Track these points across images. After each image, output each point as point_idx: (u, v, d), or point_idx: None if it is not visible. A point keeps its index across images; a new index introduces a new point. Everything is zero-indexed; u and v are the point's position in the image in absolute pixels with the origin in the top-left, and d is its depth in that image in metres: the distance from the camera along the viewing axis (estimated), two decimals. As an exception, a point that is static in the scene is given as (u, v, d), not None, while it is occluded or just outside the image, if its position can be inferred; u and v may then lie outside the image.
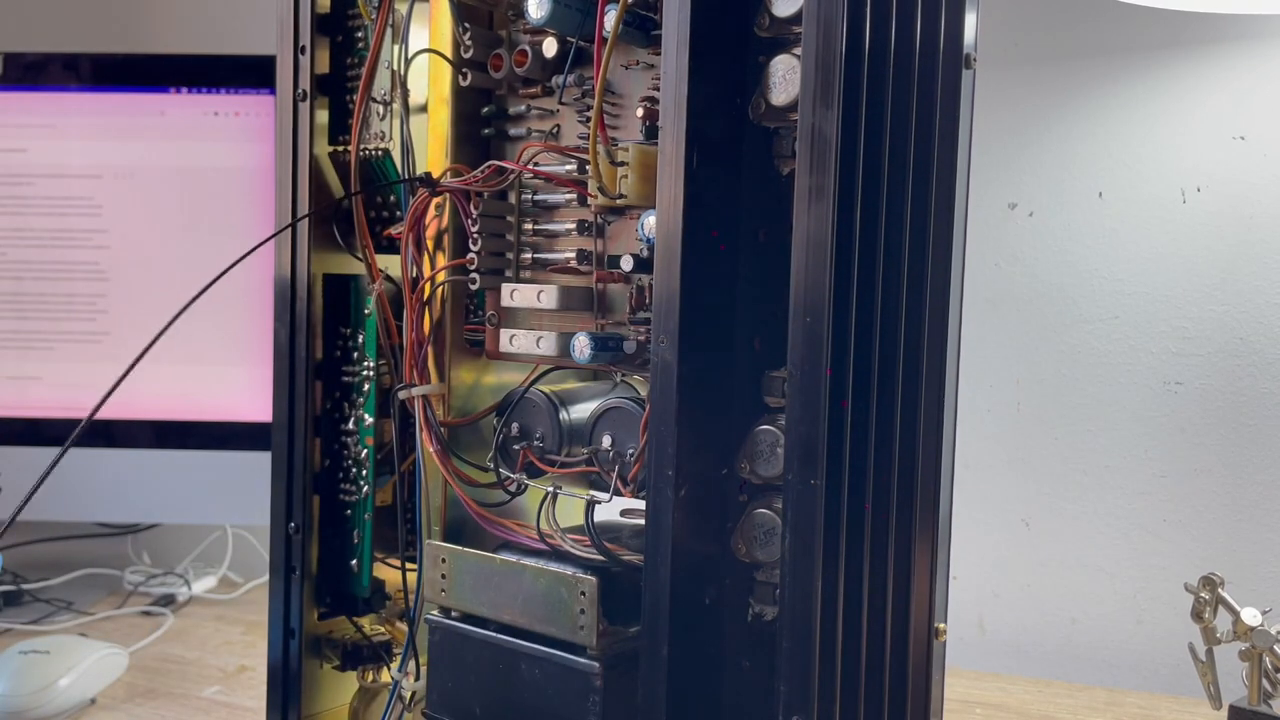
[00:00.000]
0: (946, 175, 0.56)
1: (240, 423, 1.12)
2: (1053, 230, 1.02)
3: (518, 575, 0.59)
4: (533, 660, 0.58)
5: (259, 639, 1.06)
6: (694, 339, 0.52)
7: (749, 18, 0.53)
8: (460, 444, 0.66)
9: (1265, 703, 0.74)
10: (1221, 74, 0.95)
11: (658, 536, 0.53)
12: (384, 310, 0.68)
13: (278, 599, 0.69)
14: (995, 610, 1.06)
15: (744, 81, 0.54)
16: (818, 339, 0.50)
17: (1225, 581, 0.75)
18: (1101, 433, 1.01)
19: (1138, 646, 1.00)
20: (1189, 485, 0.98)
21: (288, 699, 0.69)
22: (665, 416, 0.52)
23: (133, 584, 1.20)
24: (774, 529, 0.53)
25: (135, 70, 1.14)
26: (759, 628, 0.55)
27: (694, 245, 0.52)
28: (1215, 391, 0.96)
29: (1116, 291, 1.00)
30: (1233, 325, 0.96)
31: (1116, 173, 0.99)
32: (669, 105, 0.52)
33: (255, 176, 1.12)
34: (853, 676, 0.53)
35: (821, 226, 0.50)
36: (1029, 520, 1.04)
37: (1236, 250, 0.95)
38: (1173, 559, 0.99)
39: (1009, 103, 1.03)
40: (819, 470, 0.50)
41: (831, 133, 0.50)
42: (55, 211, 1.14)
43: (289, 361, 0.69)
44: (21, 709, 0.87)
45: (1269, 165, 0.94)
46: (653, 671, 0.53)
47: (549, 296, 0.59)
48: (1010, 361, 1.04)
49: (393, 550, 0.69)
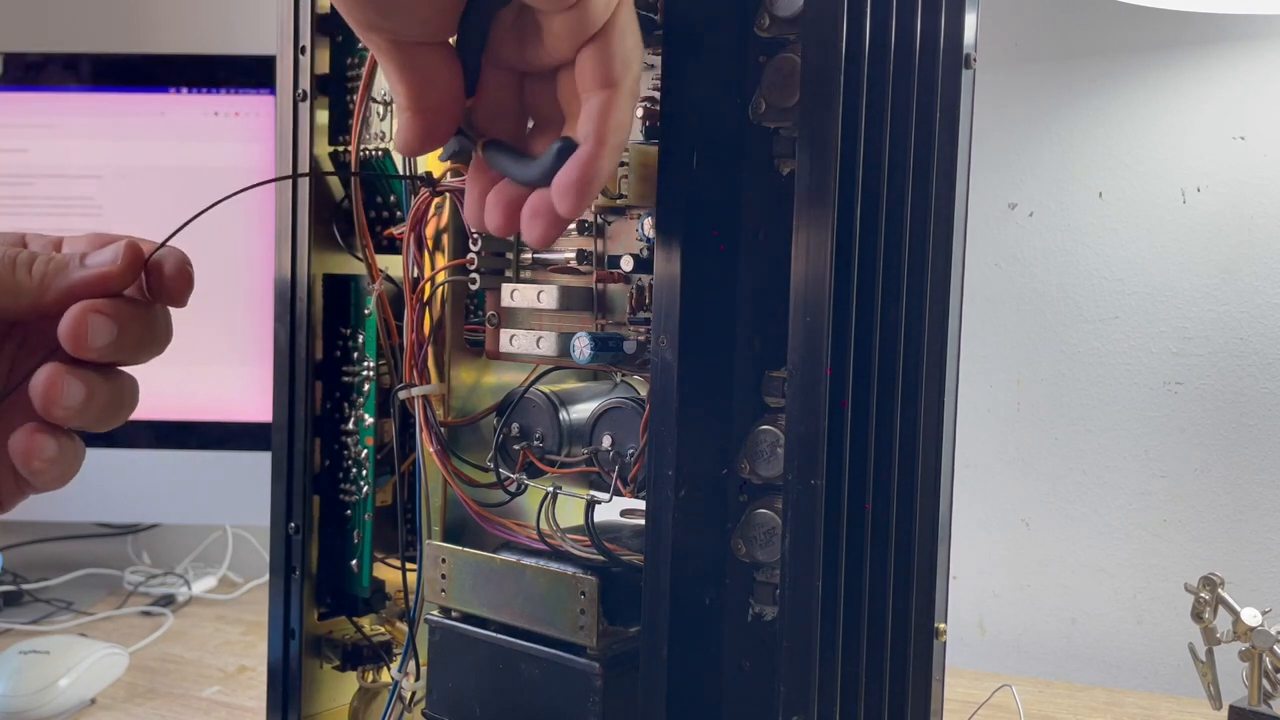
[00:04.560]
0: (946, 175, 0.56)
1: (240, 423, 1.12)
2: (1053, 230, 1.02)
3: (518, 575, 0.59)
4: (533, 660, 0.58)
5: (259, 639, 1.06)
6: (694, 339, 0.52)
7: (749, 18, 0.53)
8: (460, 444, 0.66)
9: (1265, 703, 0.74)
10: (1221, 74, 0.95)
11: (658, 536, 0.53)
12: (384, 310, 0.68)
13: (278, 599, 0.69)
14: (995, 610, 1.06)
15: (744, 81, 0.54)
16: (818, 339, 0.50)
17: (1225, 581, 0.75)
18: (1101, 433, 1.01)
19: (1138, 646, 1.00)
20: (1189, 485, 0.98)
21: (288, 699, 0.69)
22: (665, 416, 0.52)
23: (133, 584, 1.20)
24: (774, 529, 0.53)
25: (135, 70, 1.14)
26: (759, 628, 0.55)
27: (694, 245, 0.52)
28: (1215, 391, 0.96)
29: (1116, 291, 1.00)
30: (1233, 325, 0.96)
31: (1116, 173, 0.99)
32: (669, 105, 0.52)
33: (255, 176, 1.12)
34: (853, 676, 0.53)
35: (821, 226, 0.50)
36: (1029, 520, 1.04)
37: (1236, 250, 0.95)
38: (1173, 559, 0.99)
39: (1009, 103, 1.03)
40: (819, 470, 0.50)
41: (831, 133, 0.50)
42: (55, 211, 1.14)
43: (289, 361, 0.69)
44: (21, 709, 0.87)
45: (1269, 165, 0.94)
46: (653, 671, 0.53)
47: (549, 296, 0.59)
48: (1010, 361, 1.04)
49: (393, 550, 0.69)
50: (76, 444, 0.43)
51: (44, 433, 0.42)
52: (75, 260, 0.43)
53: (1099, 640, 1.02)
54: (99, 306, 0.42)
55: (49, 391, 0.41)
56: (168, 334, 0.45)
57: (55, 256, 0.43)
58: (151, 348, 0.44)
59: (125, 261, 0.43)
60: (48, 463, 0.42)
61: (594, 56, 0.44)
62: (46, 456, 0.42)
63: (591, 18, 0.43)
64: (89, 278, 0.42)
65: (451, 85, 0.46)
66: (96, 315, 0.42)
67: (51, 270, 0.43)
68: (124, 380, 0.44)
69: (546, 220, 0.45)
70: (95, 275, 0.42)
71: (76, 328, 0.41)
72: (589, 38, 0.44)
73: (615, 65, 0.44)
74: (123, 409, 0.44)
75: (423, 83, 0.45)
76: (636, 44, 0.45)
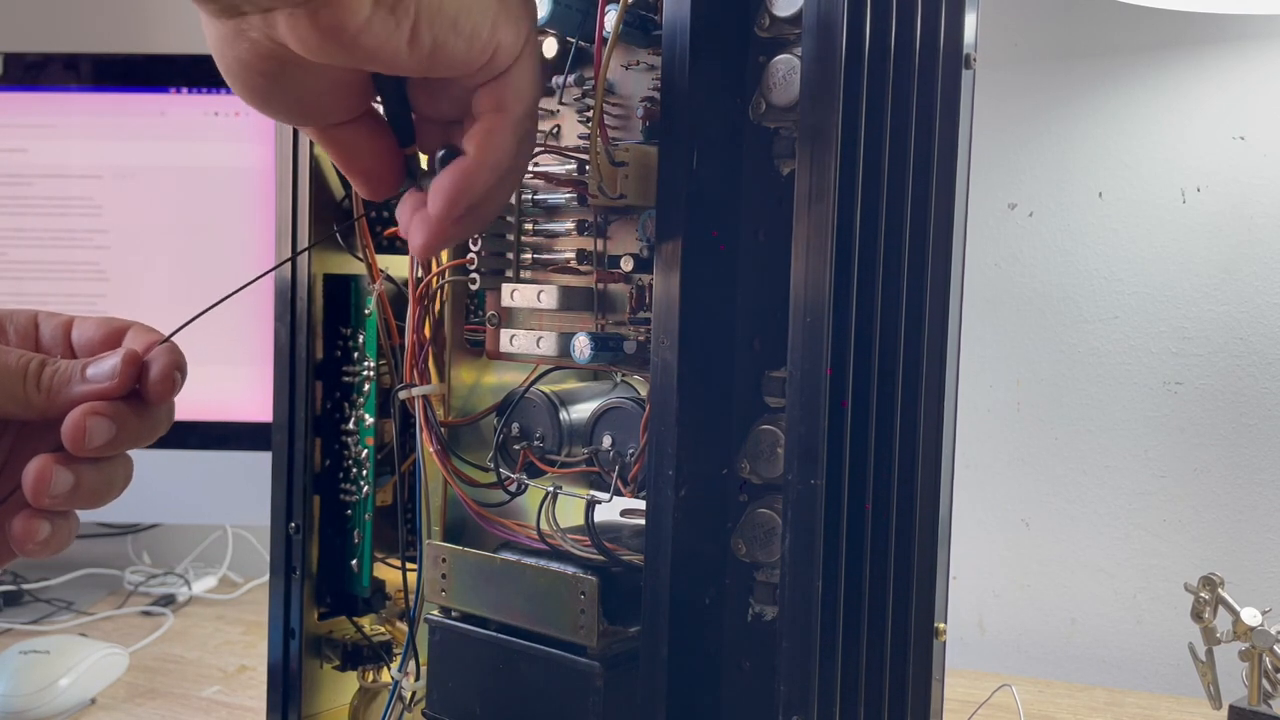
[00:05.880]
0: (946, 175, 0.56)
1: (240, 423, 1.12)
2: (1053, 230, 1.02)
3: (518, 575, 0.59)
4: (533, 660, 0.59)
5: (259, 639, 1.06)
6: (694, 339, 0.52)
7: (749, 18, 0.53)
8: (460, 444, 0.66)
9: (1265, 703, 0.74)
10: (1221, 74, 0.95)
11: (658, 536, 0.53)
12: (384, 310, 0.68)
13: (278, 599, 0.69)
14: (995, 610, 1.06)
15: (744, 81, 0.54)
16: (818, 339, 0.50)
17: (1225, 581, 0.76)
18: (1101, 433, 1.01)
19: (1138, 646, 1.00)
20: (1189, 485, 0.98)
21: (288, 699, 0.69)
22: (665, 416, 0.52)
23: (133, 584, 1.21)
24: (774, 529, 0.53)
25: (135, 70, 1.14)
26: (759, 628, 0.55)
27: (694, 245, 0.52)
28: (1215, 391, 0.96)
29: (1116, 291, 1.00)
30: (1233, 325, 0.96)
31: (1116, 173, 0.99)
32: (669, 105, 0.52)
33: (255, 176, 1.12)
34: (853, 676, 0.53)
35: (821, 226, 0.50)
36: (1029, 520, 1.04)
37: (1236, 250, 0.95)
38: (1173, 559, 0.99)
39: (1009, 103, 1.03)
40: (819, 470, 0.50)
41: (831, 133, 0.50)
42: (55, 211, 1.14)
43: (289, 361, 0.69)
44: (21, 709, 0.87)
45: (1269, 165, 0.94)
46: (653, 671, 0.53)
47: (549, 296, 0.59)
48: (1010, 361, 1.04)
49: (393, 550, 0.69)
50: (71, 521, 0.48)
51: (39, 517, 0.46)
52: (78, 373, 0.47)
53: (1099, 640, 1.02)
54: (99, 409, 0.46)
55: (38, 484, 0.45)
56: (168, 421, 0.48)
57: (61, 366, 0.47)
58: (149, 438, 0.48)
59: (123, 378, 0.46)
60: (41, 545, 0.46)
61: (490, 89, 0.47)
62: (40, 539, 0.46)
63: (498, 69, 0.47)
64: (89, 393, 0.46)
65: (378, 146, 0.50)
66: (96, 417, 0.46)
67: (57, 384, 0.47)
68: (117, 465, 0.48)
69: (426, 226, 0.48)
70: (95, 391, 0.46)
71: (76, 432, 0.45)
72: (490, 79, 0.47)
73: (509, 95, 0.47)
74: (113, 490, 0.48)
75: (354, 154, 0.50)
76: (533, 83, 0.48)
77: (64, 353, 0.50)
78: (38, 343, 0.51)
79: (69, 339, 0.50)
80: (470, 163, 0.47)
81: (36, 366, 0.47)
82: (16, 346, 0.50)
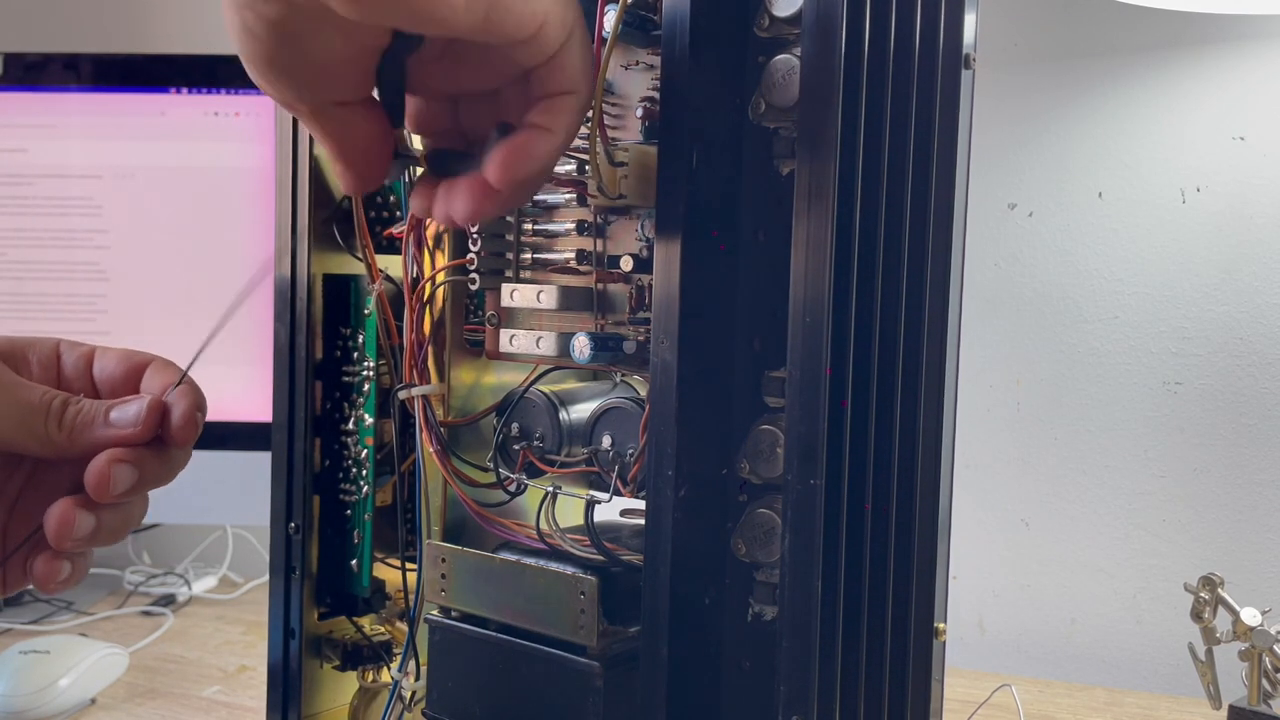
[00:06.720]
0: (946, 175, 0.56)
1: (240, 423, 1.12)
2: (1053, 230, 1.02)
3: (518, 575, 0.59)
4: (533, 660, 0.59)
5: (259, 639, 1.06)
6: (694, 339, 0.52)
7: (749, 18, 0.53)
8: (460, 444, 0.66)
9: (1265, 703, 0.74)
10: (1221, 74, 0.95)
11: (658, 536, 0.53)
12: (384, 310, 0.68)
13: (278, 599, 0.69)
14: (995, 610, 1.06)
15: (744, 81, 0.54)
16: (818, 339, 0.50)
17: (1225, 581, 0.76)
18: (1101, 433, 1.01)
19: (1137, 646, 1.00)
20: (1189, 485, 0.98)
21: (288, 699, 0.69)
22: (665, 416, 0.52)
23: (133, 584, 1.21)
24: (774, 529, 0.53)
25: (135, 70, 1.14)
26: (759, 628, 0.55)
27: (694, 245, 0.52)
28: (1215, 391, 0.96)
29: (1116, 291, 1.00)
30: (1233, 325, 0.96)
31: (1116, 173, 0.99)
32: (668, 105, 0.52)
33: (255, 176, 1.12)
34: (853, 676, 0.53)
35: (821, 226, 0.50)
36: (1029, 520, 1.04)
37: (1236, 250, 0.95)
38: (1173, 559, 0.99)
39: (1009, 103, 1.03)
40: (819, 470, 0.50)
41: (831, 133, 0.50)
42: (55, 211, 1.14)
43: (289, 361, 0.69)
44: (21, 709, 0.87)
45: (1269, 165, 0.94)
46: (653, 671, 0.53)
47: (549, 296, 0.59)
48: (1010, 361, 1.04)
49: (393, 550, 0.69)
50: (88, 558, 0.49)
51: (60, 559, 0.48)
52: (101, 416, 0.47)
53: (1099, 640, 1.02)
54: (122, 456, 0.47)
55: (60, 529, 0.46)
56: (185, 462, 0.50)
57: (84, 407, 0.48)
58: (168, 479, 0.49)
59: (147, 426, 0.47)
60: (61, 584, 0.48)
61: (553, 71, 0.47)
62: (60, 579, 0.48)
63: (547, 45, 0.46)
64: (112, 438, 0.47)
65: (373, 131, 0.48)
66: (120, 465, 0.47)
67: (80, 425, 0.47)
68: (135, 504, 0.49)
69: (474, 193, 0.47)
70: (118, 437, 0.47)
71: (100, 479, 0.46)
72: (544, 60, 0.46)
73: (577, 75, 0.47)
74: (130, 527, 0.49)
75: (345, 138, 0.48)
76: (591, 64, 0.48)
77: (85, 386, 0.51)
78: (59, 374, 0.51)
79: (91, 372, 0.51)
80: (538, 136, 0.47)
81: (59, 405, 0.47)
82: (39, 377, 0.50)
